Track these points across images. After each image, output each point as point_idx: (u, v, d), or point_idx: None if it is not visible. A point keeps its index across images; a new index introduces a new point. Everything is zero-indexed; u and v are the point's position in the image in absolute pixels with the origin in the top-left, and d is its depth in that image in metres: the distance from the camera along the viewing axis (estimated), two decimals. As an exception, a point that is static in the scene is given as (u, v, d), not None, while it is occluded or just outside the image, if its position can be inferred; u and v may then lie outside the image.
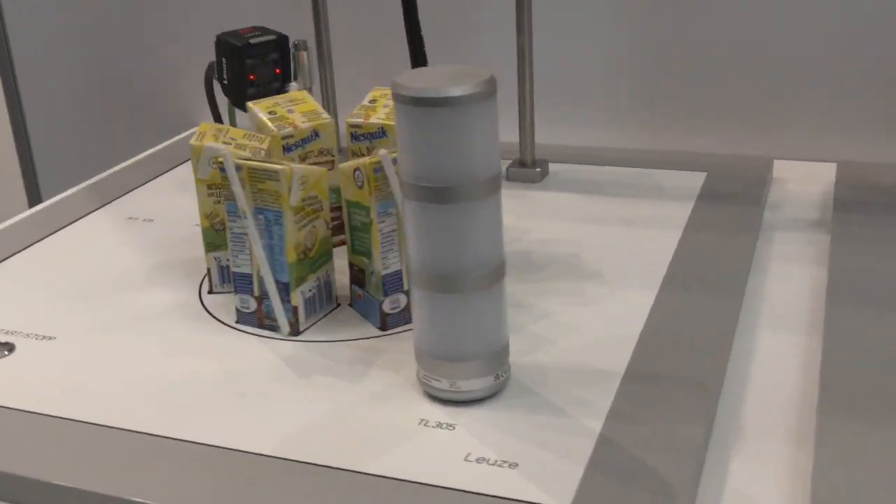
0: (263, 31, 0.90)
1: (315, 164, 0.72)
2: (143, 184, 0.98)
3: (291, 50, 0.91)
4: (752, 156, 0.95)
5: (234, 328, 0.69)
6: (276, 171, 0.64)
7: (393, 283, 0.67)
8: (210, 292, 0.74)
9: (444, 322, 0.57)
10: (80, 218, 0.90)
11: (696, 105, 1.00)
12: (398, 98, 0.53)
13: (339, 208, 0.76)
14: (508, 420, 0.57)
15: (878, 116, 0.95)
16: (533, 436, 0.55)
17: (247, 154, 0.71)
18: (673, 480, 0.51)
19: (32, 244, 0.85)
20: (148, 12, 1.21)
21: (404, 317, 0.67)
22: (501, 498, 0.50)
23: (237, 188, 0.64)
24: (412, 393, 0.60)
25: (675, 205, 0.85)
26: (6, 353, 0.67)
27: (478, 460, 0.53)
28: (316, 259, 0.68)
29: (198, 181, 0.73)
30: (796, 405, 0.59)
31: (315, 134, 0.74)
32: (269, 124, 0.75)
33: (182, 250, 0.82)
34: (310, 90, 0.93)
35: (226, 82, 0.91)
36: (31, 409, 0.60)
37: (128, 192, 0.96)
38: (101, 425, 0.58)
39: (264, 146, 0.73)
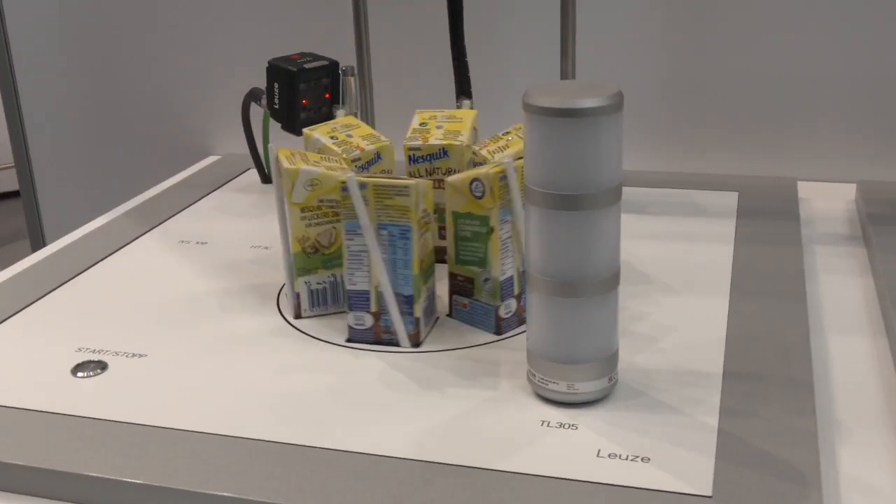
0: (314, 56, 0.92)
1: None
2: (183, 209, 0.99)
3: (340, 76, 0.93)
4: (777, 176, 1.00)
5: (342, 345, 0.70)
6: (406, 187, 0.65)
7: (508, 288, 0.69)
8: (297, 317, 0.74)
9: (563, 326, 0.59)
10: (130, 242, 0.90)
11: (720, 130, 1.05)
12: (531, 109, 0.56)
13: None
14: (628, 418, 0.59)
15: (893, 136, 1.01)
16: (656, 432, 0.58)
17: (337, 152, 0.73)
18: (800, 467, 0.54)
19: (86, 269, 0.85)
20: (162, 39, 1.21)
21: (515, 320, 0.70)
22: (645, 489, 0.53)
23: (361, 206, 0.66)
24: (527, 396, 0.62)
25: (717, 222, 0.89)
26: (99, 371, 0.67)
27: (609, 456, 0.56)
28: (426, 270, 0.70)
29: (291, 205, 0.72)
30: (883, 399, 0.62)
31: (377, 156, 0.77)
32: (335, 148, 0.76)
33: (248, 273, 0.83)
34: (355, 115, 0.95)
35: (276, 107, 0.92)
36: (160, 424, 0.61)
37: (170, 217, 0.97)
38: (230, 436, 0.59)
39: (370, 147, 0.75)
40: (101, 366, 0.68)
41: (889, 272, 0.76)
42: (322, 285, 0.72)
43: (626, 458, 0.55)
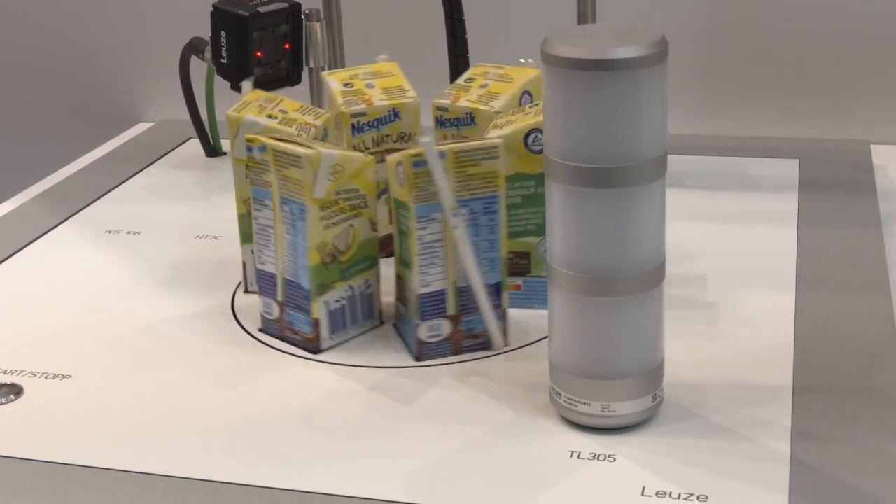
0: (267, -2, 0.91)
1: (391, 150, 0.73)
2: (109, 191, 0.97)
3: (303, 21, 0.92)
4: (846, 139, 1.00)
5: (286, 352, 0.69)
6: (298, 156, 0.65)
7: (433, 305, 0.67)
8: (246, 291, 0.76)
9: (595, 333, 0.58)
10: (44, 234, 0.88)
11: (775, 84, 1.04)
12: (550, 60, 0.54)
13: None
14: (677, 446, 0.58)
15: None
16: (713, 463, 0.56)
17: (292, 132, 0.72)
18: (895, 505, 0.53)
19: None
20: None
21: (444, 348, 0.68)
22: (708, 536, 0.51)
23: (442, 181, 0.65)
24: (550, 421, 0.61)
25: (776, 196, 0.89)
26: (12, 397, 0.66)
27: (658, 494, 0.54)
28: (350, 265, 0.69)
29: (235, 160, 0.73)
30: None
31: (394, 114, 0.75)
32: (339, 98, 0.75)
33: (195, 272, 0.81)
34: (323, 69, 0.94)
35: (224, 61, 0.90)
36: (87, 463, 0.59)
37: (93, 202, 0.95)
38: (178, 477, 0.57)
39: (318, 122, 0.74)
40: (15, 390, 0.66)
41: None
42: (341, 303, 0.70)
43: (678, 497, 0.54)
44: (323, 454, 0.59)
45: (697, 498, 0.54)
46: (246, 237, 0.76)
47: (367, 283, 0.71)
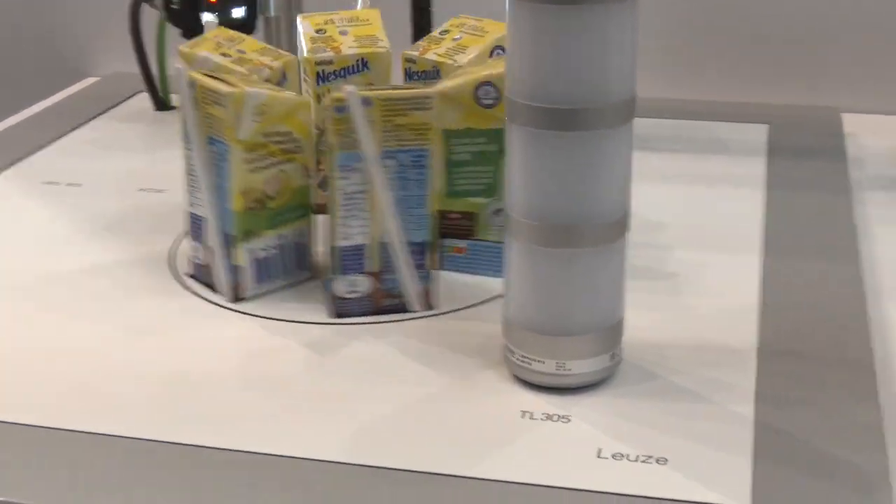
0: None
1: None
2: (51, 142, 0.93)
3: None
4: (817, 106, 0.97)
5: (212, 301, 0.66)
6: (221, 94, 0.63)
7: (353, 260, 0.64)
8: (237, 299, 0.67)
9: (552, 287, 0.55)
10: (-21, 183, 0.85)
11: (746, 50, 1.02)
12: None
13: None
14: (635, 408, 0.55)
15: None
16: (673, 425, 0.54)
17: (242, 71, 0.69)
18: (863, 470, 0.50)
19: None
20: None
21: (363, 305, 0.65)
22: (664, 500, 0.49)
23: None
24: (502, 380, 0.58)
25: (744, 161, 0.86)
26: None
27: (614, 456, 0.52)
28: (280, 212, 0.66)
29: (235, 144, 0.66)
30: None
31: (363, 64, 0.72)
32: (308, 44, 0.72)
33: (137, 226, 0.78)
34: (277, 19, 0.90)
35: (175, 7, 0.87)
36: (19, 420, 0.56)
37: (34, 153, 0.91)
38: (107, 435, 0.54)
39: (276, 64, 0.71)
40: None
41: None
42: (268, 252, 0.67)
43: (637, 460, 0.51)
44: (258, 412, 0.56)
45: (657, 461, 0.51)
46: (245, 236, 0.69)
47: (299, 232, 0.68)
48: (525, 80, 0.53)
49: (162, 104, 0.99)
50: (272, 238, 0.67)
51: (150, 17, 0.96)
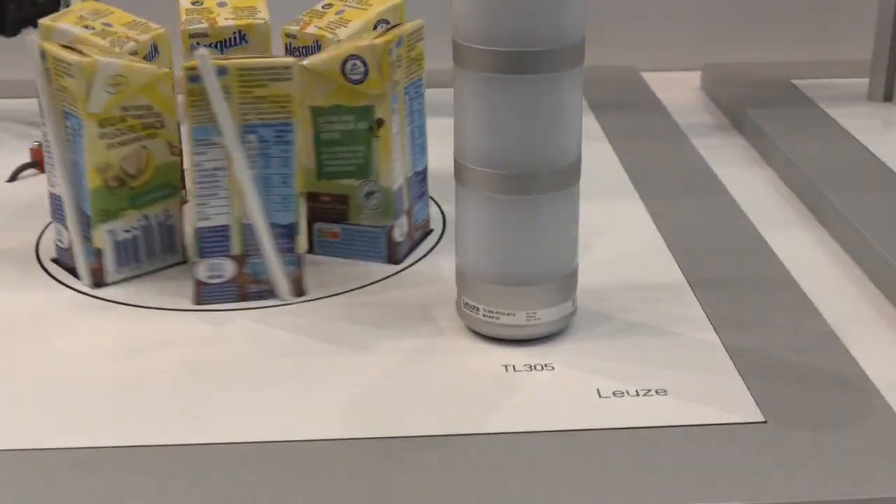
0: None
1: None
2: None
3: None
4: (615, 66, 1.01)
5: (183, 310, 0.60)
6: (70, 64, 0.58)
7: (214, 241, 0.60)
8: (98, 285, 0.62)
9: (517, 235, 0.54)
10: None
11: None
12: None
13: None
14: (610, 348, 0.56)
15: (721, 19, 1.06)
16: (655, 359, 0.55)
17: (103, 44, 0.64)
18: (842, 373, 0.53)
19: None
20: None
21: (227, 291, 0.60)
22: (687, 426, 0.49)
23: (219, 101, 0.56)
24: (468, 339, 0.56)
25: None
26: None
27: (615, 394, 0.52)
28: (144, 192, 0.62)
29: (87, 117, 0.61)
30: (858, 293, 0.64)
31: (240, 37, 0.67)
32: (100, 41, 0.66)
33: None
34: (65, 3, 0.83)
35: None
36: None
37: None
38: (56, 449, 0.48)
39: (145, 37, 0.66)
40: None
41: (802, 157, 0.78)
42: (131, 233, 0.62)
43: (638, 394, 0.51)
44: (217, 403, 0.52)
45: (656, 392, 0.52)
46: (102, 216, 0.64)
47: (166, 213, 0.63)
48: (474, 23, 0.52)
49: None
50: (135, 219, 0.62)
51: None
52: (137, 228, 0.62)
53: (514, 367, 0.54)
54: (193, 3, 0.70)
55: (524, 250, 0.55)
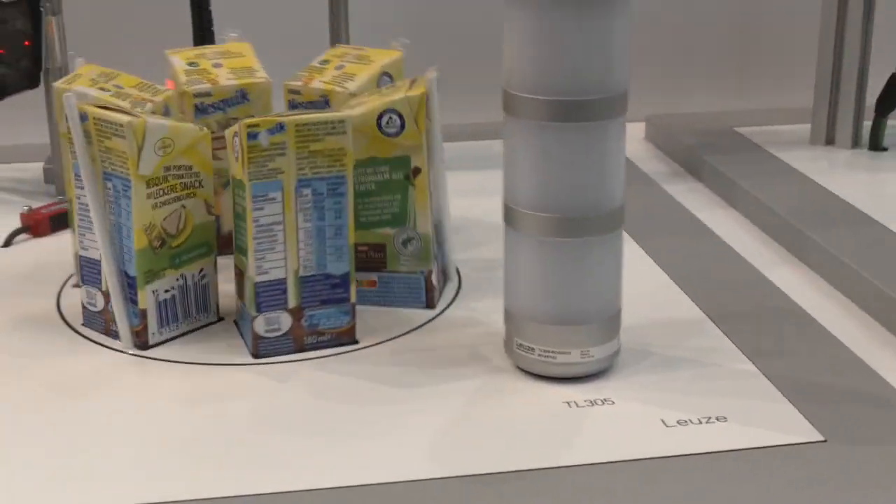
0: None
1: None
2: None
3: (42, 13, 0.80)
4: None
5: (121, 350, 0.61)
6: (121, 125, 0.59)
7: (272, 295, 0.61)
8: (144, 346, 0.62)
9: (573, 276, 0.57)
10: None
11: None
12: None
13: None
14: (661, 381, 0.59)
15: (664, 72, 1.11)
16: (702, 389, 0.58)
17: (125, 105, 0.64)
18: (879, 392, 0.57)
19: None
20: None
21: (284, 344, 0.62)
22: (754, 448, 0.52)
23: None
24: (521, 379, 0.59)
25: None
26: None
27: (679, 423, 0.54)
28: (182, 251, 0.63)
29: (62, 136, 0.65)
30: (857, 324, 0.68)
31: (242, 95, 0.68)
32: (182, 77, 0.68)
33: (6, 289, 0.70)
34: (59, 71, 0.82)
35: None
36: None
37: None
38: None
39: (158, 99, 0.67)
40: None
41: (770, 198, 0.83)
42: (170, 293, 0.62)
43: (701, 422, 0.54)
44: (297, 451, 0.53)
45: (717, 419, 0.55)
46: (148, 277, 0.64)
47: (201, 272, 0.64)
48: (528, 72, 0.55)
49: None
50: (174, 279, 0.63)
51: None
52: (175, 288, 0.62)
53: (575, 402, 0.56)
54: (190, 65, 0.71)
55: (577, 291, 0.57)
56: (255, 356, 0.61)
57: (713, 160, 0.93)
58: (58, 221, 0.78)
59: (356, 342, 0.62)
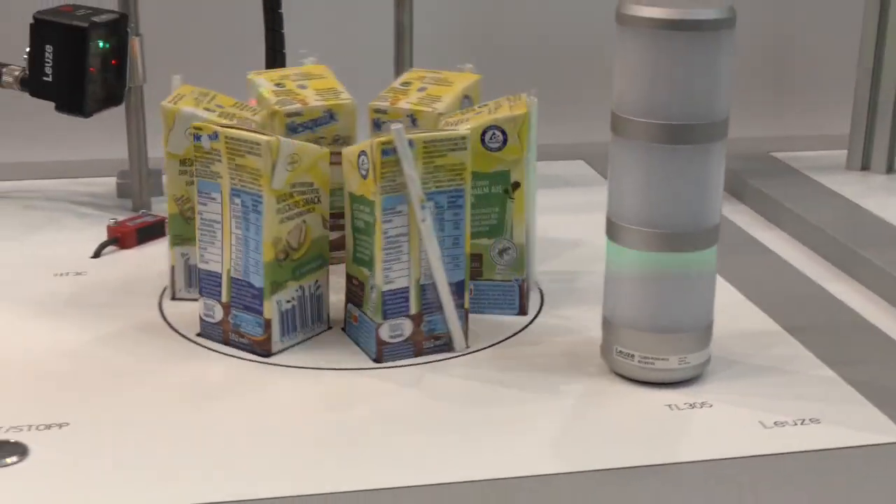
0: (90, 8, 0.81)
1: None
2: None
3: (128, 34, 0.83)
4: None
5: (244, 358, 0.65)
6: (257, 143, 0.63)
7: (396, 303, 0.65)
8: (173, 298, 0.72)
9: (672, 287, 0.61)
10: None
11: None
12: (628, 20, 0.58)
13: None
14: (751, 386, 0.63)
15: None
16: (791, 393, 0.62)
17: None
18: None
19: None
20: None
21: (405, 349, 0.66)
22: (856, 447, 0.57)
23: (410, 170, 0.62)
24: (620, 384, 0.63)
25: (569, 192, 0.96)
26: (15, 458, 0.54)
27: (776, 424, 0.58)
28: (302, 263, 0.66)
29: (168, 155, 0.69)
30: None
31: (330, 116, 0.72)
32: (272, 98, 0.71)
33: (91, 312, 0.72)
34: (139, 92, 0.86)
35: (48, 79, 0.79)
36: None
37: None
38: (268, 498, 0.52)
39: (257, 118, 0.70)
40: (20, 450, 0.55)
41: (819, 219, 0.88)
42: (292, 303, 0.66)
43: (796, 424, 0.59)
44: (430, 448, 0.57)
45: (811, 420, 0.59)
46: (176, 239, 0.71)
47: (316, 283, 0.68)
48: (637, 100, 0.59)
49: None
50: (294, 290, 0.66)
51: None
52: (295, 299, 0.66)
53: (676, 405, 0.60)
54: (277, 86, 0.74)
55: (678, 301, 0.61)
56: (378, 361, 0.64)
57: (756, 183, 0.97)
58: (145, 234, 0.81)
59: (468, 347, 0.66)
